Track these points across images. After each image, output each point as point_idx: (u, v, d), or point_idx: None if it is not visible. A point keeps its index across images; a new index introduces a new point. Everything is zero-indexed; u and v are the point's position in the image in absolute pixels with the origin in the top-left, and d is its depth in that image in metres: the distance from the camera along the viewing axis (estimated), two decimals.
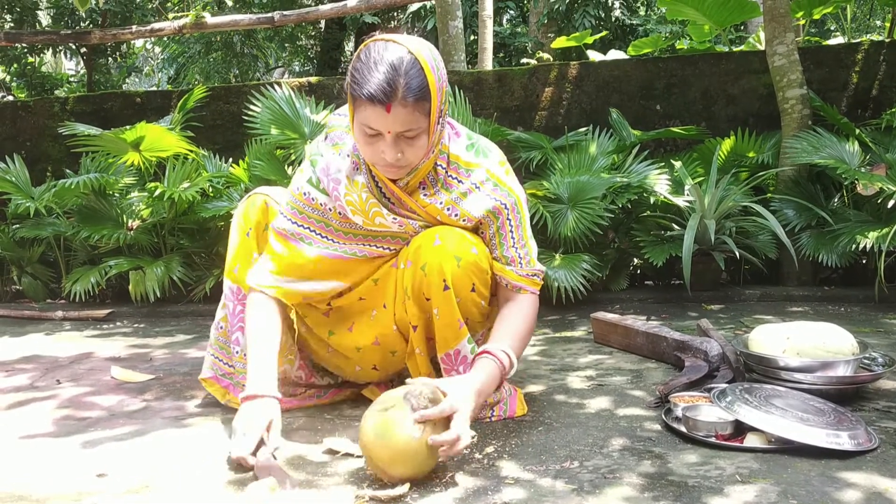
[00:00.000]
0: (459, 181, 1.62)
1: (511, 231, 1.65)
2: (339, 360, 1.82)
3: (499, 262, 1.67)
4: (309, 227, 1.67)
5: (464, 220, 1.63)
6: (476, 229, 1.67)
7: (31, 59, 6.88)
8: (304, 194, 1.66)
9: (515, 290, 1.67)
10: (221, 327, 1.86)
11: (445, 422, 1.38)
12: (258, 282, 1.68)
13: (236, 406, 1.81)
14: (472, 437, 1.41)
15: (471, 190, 1.62)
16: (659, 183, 3.41)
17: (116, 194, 3.82)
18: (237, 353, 1.82)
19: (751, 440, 1.50)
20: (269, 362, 1.60)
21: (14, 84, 7.27)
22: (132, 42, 7.79)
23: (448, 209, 1.62)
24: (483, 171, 1.62)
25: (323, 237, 1.67)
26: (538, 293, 1.70)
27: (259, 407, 1.53)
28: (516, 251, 1.66)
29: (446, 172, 1.62)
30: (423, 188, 1.62)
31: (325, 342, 1.80)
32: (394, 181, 1.59)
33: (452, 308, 1.59)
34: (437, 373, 1.72)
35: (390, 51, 1.44)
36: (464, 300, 1.60)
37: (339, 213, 1.65)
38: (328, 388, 1.92)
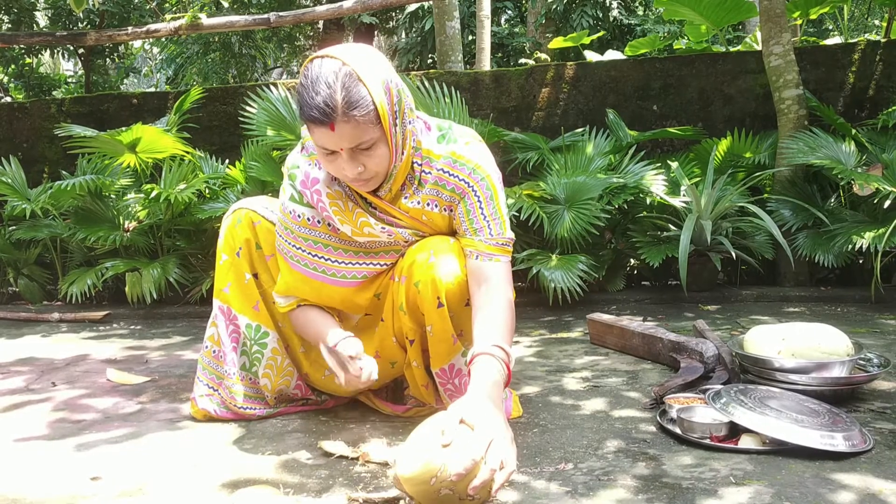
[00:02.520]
0: (430, 174, 1.59)
1: (480, 205, 1.58)
2: (333, 385, 1.75)
3: (465, 237, 1.59)
4: (302, 248, 1.64)
5: (444, 211, 1.61)
6: None
7: (28, 60, 6.88)
8: (291, 213, 1.63)
9: (486, 258, 1.57)
10: (208, 347, 1.83)
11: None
12: (284, 305, 1.73)
13: (220, 420, 1.81)
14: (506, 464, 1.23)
15: (439, 178, 1.59)
16: (655, 183, 3.41)
17: (113, 196, 3.82)
18: (233, 374, 1.79)
19: (745, 442, 1.50)
20: (331, 322, 1.67)
21: (12, 85, 7.27)
22: (130, 43, 7.79)
23: (428, 204, 1.60)
24: (449, 156, 1.58)
25: (315, 255, 1.63)
26: (509, 259, 1.61)
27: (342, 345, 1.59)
28: (486, 221, 1.59)
29: (422, 169, 1.59)
30: (404, 189, 1.60)
31: (324, 366, 1.77)
32: (375, 191, 1.57)
33: (446, 324, 1.57)
34: (434, 383, 1.71)
35: (325, 67, 1.41)
36: (458, 314, 1.58)
37: (329, 225, 1.62)
38: (324, 401, 1.91)
